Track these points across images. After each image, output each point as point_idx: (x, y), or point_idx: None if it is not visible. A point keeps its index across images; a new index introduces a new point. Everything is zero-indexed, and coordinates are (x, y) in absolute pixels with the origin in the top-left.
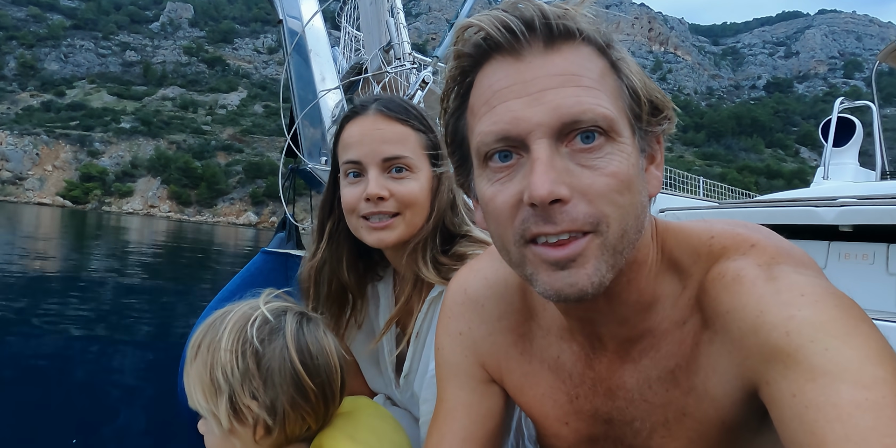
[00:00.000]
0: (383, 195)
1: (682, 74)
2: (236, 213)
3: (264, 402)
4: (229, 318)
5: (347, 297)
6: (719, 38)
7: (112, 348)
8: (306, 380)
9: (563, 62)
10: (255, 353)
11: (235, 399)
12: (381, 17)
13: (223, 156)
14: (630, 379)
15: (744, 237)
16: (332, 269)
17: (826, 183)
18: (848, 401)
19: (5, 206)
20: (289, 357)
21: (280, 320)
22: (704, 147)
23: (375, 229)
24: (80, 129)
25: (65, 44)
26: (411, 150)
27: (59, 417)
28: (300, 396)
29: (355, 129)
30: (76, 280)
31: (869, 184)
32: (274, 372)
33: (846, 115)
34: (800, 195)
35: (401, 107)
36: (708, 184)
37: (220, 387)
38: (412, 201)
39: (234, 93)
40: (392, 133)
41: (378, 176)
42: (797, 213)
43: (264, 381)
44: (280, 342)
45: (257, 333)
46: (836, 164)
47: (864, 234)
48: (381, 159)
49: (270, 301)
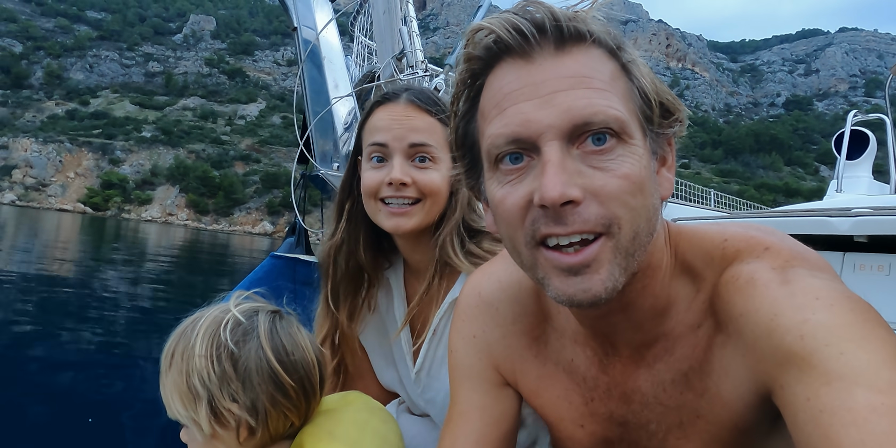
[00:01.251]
0: (406, 181)
1: (699, 91)
2: (252, 223)
3: (245, 404)
4: (200, 325)
5: (363, 277)
6: (738, 55)
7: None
8: (284, 377)
9: (574, 64)
10: (231, 355)
11: (215, 404)
12: (394, 25)
13: (241, 165)
14: (644, 383)
15: (757, 240)
16: (349, 249)
17: (839, 195)
18: (863, 405)
19: (28, 212)
20: (265, 356)
21: (252, 321)
22: (722, 164)
23: (394, 214)
24: (102, 137)
25: (90, 54)
26: (436, 141)
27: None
28: (280, 394)
29: (385, 114)
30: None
31: (883, 197)
32: (251, 372)
33: (860, 129)
34: (813, 207)
35: (430, 99)
36: (719, 196)
37: (199, 393)
38: (433, 190)
39: (253, 104)
40: (421, 122)
41: (403, 162)
42: (811, 223)
43: (243, 383)
44: (255, 342)
45: (231, 336)
46: (850, 177)
47: (879, 245)
48: (407, 145)
49: (241, 303)
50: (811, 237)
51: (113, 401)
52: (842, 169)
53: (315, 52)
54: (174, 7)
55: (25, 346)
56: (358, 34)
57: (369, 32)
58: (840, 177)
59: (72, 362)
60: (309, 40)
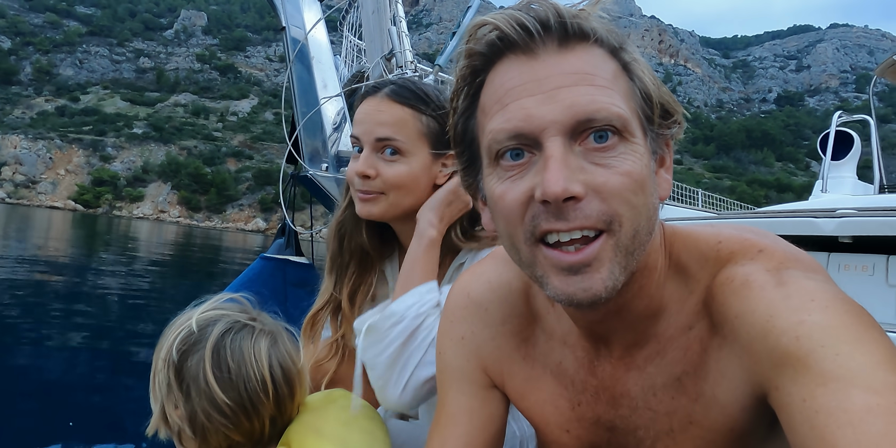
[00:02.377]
0: (369, 174)
1: (692, 87)
2: (245, 220)
3: (184, 414)
4: (170, 327)
5: (367, 258)
6: (730, 51)
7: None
8: (219, 394)
9: (578, 61)
10: (173, 365)
11: (165, 406)
12: (383, 25)
13: (233, 162)
14: (634, 386)
15: (752, 242)
16: (351, 229)
17: (825, 196)
18: (859, 406)
19: (17, 209)
20: (202, 371)
21: (205, 331)
22: (714, 160)
23: (362, 201)
24: (93, 133)
25: (80, 50)
26: (406, 135)
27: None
28: (215, 411)
29: (363, 107)
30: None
31: (868, 197)
32: (190, 385)
33: (844, 129)
34: (799, 207)
35: (411, 91)
36: (707, 196)
37: (156, 394)
38: (397, 184)
39: (245, 100)
40: (390, 116)
41: (369, 155)
42: (796, 223)
43: (184, 394)
44: (199, 354)
45: (179, 345)
46: (835, 178)
47: (863, 246)
48: (373, 139)
49: (210, 308)
50: (797, 238)
51: (99, 403)
52: (827, 169)
53: (304, 52)
54: (165, 2)
55: (8, 346)
56: (347, 34)
57: (358, 32)
58: (825, 177)
59: (57, 362)
60: (297, 40)
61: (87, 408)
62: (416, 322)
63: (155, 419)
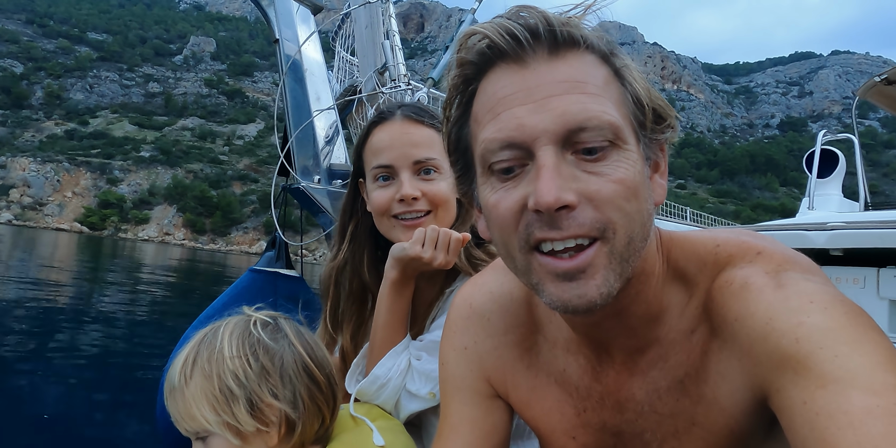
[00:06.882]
0: (417, 195)
1: (694, 112)
2: (249, 242)
3: (285, 397)
4: (223, 330)
5: (367, 295)
6: (732, 78)
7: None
8: (316, 370)
9: (568, 69)
10: (267, 350)
11: (255, 401)
12: (376, 39)
13: (238, 185)
14: (639, 391)
15: (750, 245)
16: (353, 269)
17: (811, 212)
18: (859, 407)
19: (24, 231)
20: (297, 351)
21: (277, 321)
22: (718, 184)
23: (409, 227)
24: (101, 157)
25: (91, 75)
26: (438, 152)
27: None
28: (315, 387)
29: (384, 134)
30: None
31: (853, 214)
32: (288, 366)
33: (829, 148)
34: (787, 222)
35: (425, 111)
36: (695, 214)
37: (234, 393)
38: (442, 200)
39: (251, 124)
40: (420, 136)
41: (410, 178)
42: (788, 236)
43: (281, 377)
44: (285, 340)
45: (264, 333)
46: (821, 195)
47: (854, 258)
48: (412, 162)
49: (257, 311)
50: None
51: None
52: (813, 187)
53: (297, 65)
54: (175, 29)
55: (11, 366)
56: (339, 49)
57: (351, 47)
58: (812, 195)
59: (60, 383)
60: (290, 54)
61: (90, 434)
62: (399, 380)
63: (241, 419)
